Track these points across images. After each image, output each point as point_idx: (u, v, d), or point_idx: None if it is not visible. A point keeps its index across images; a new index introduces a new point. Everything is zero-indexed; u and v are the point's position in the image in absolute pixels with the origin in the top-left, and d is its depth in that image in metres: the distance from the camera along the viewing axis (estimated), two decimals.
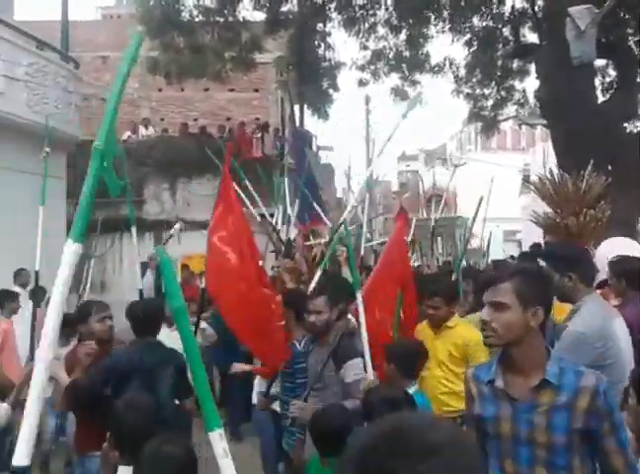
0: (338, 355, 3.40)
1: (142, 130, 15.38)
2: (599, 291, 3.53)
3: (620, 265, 3.76)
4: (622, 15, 9.65)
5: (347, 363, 3.40)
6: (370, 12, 12.79)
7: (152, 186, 13.69)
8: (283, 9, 12.47)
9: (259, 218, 7.81)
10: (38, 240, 4.78)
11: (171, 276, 1.55)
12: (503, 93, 12.99)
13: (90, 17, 24.54)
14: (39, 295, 7.00)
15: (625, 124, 8.85)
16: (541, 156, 19.81)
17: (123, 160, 5.39)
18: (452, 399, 3.58)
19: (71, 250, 1.61)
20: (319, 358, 3.48)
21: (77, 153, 10.74)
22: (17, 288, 6.88)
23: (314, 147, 18.55)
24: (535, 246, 6.69)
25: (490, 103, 13.31)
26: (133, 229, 5.18)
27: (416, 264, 11.57)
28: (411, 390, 3.14)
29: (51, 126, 6.30)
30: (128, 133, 14.93)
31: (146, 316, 3.80)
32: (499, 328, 1.98)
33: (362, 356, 3.33)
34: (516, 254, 10.68)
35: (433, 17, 11.80)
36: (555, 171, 6.26)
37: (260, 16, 12.62)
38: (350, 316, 3.77)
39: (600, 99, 9.51)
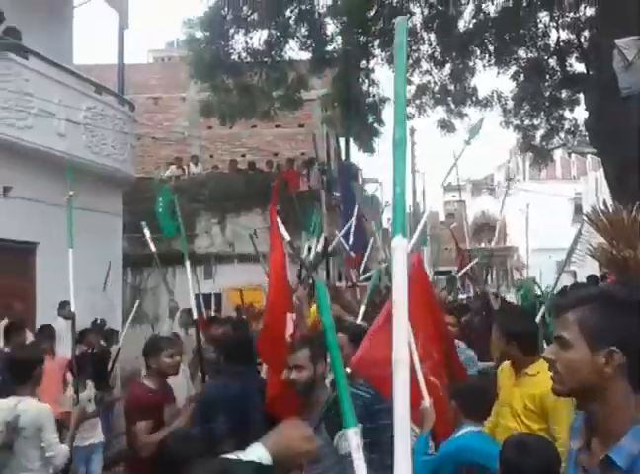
0: (330, 419, 2.75)
1: (192, 168, 15.87)
2: None
3: None
4: None
5: (341, 431, 2.64)
6: (414, 48, 12.97)
7: (203, 220, 14.06)
8: (328, 48, 12.78)
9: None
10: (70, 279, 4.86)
11: (323, 297, 1.68)
12: (553, 123, 12.87)
13: (142, 60, 25.67)
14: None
15: None
16: (593, 184, 19.37)
17: (175, 201, 5.60)
18: None
19: None
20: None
21: (132, 190, 11.19)
22: (60, 319, 7.17)
23: (360, 180, 18.69)
24: (592, 278, 6.54)
25: (540, 133, 13.20)
26: (187, 263, 5.30)
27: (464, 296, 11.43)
28: (467, 429, 3.01)
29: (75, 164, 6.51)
30: (172, 168, 15.46)
31: (241, 345, 3.88)
32: (562, 370, 1.53)
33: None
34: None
35: (478, 51, 11.87)
36: (609, 202, 6.14)
37: (305, 55, 12.97)
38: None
39: None
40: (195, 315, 5.32)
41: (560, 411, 3.00)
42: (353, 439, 1.44)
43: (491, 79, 13.55)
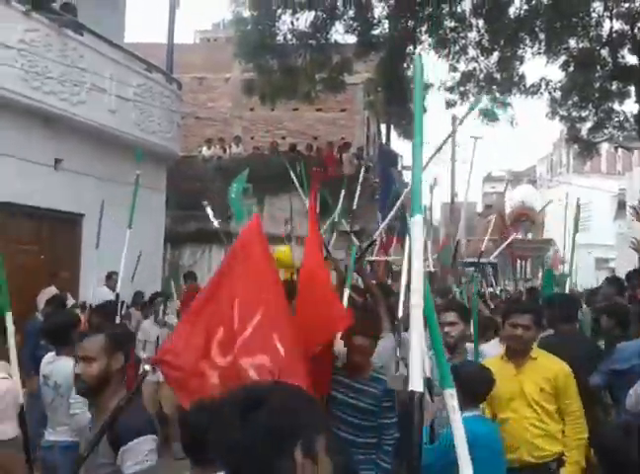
0: (114, 430, 2.37)
1: (234, 148, 16.06)
2: None
3: None
4: None
5: (125, 446, 2.34)
6: (461, 34, 12.79)
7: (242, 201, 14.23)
8: (374, 32, 12.71)
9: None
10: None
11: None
12: (601, 115, 12.56)
13: (189, 40, 25.92)
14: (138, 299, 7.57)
15: None
16: (638, 181, 18.88)
17: (249, 190, 5.68)
18: (547, 442, 3.18)
19: None
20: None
21: (174, 168, 11.41)
22: (105, 289, 7.44)
23: (399, 167, 18.61)
24: (636, 272, 6.45)
25: (587, 125, 12.90)
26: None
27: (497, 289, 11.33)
28: (470, 414, 2.96)
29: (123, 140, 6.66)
30: (204, 148, 15.69)
31: None
32: None
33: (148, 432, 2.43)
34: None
35: (525, 38, 11.64)
36: None
37: (351, 38, 12.93)
38: None
39: None
40: None
41: (571, 386, 3.22)
42: (449, 401, 1.60)
43: (538, 68, 13.30)
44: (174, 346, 2.90)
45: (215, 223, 6.55)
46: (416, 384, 1.65)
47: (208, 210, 6.44)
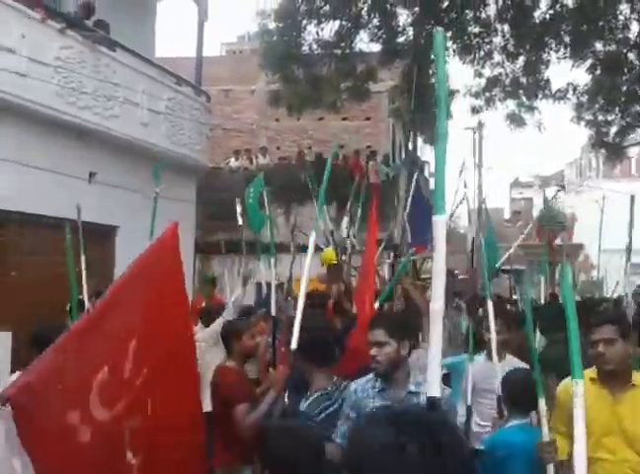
0: None
1: (260, 159, 16.24)
2: None
3: None
4: None
5: None
6: (486, 39, 12.77)
7: (268, 210, 14.36)
8: (399, 40, 12.76)
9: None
10: None
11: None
12: (628, 119, 12.39)
13: (215, 53, 26.32)
14: None
15: None
16: None
17: (265, 194, 5.73)
18: None
19: None
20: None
21: (203, 180, 11.59)
22: None
23: (426, 174, 18.58)
24: None
25: (614, 129, 12.74)
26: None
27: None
28: (517, 422, 3.05)
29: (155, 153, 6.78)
30: (232, 160, 15.86)
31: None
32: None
33: None
34: None
35: (551, 42, 11.57)
36: None
37: (376, 47, 13.01)
38: None
39: None
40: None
41: None
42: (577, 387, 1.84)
43: (564, 72, 13.18)
44: (34, 382, 2.12)
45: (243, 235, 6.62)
46: (434, 389, 1.71)
47: (239, 219, 6.51)
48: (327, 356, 3.28)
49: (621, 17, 11.16)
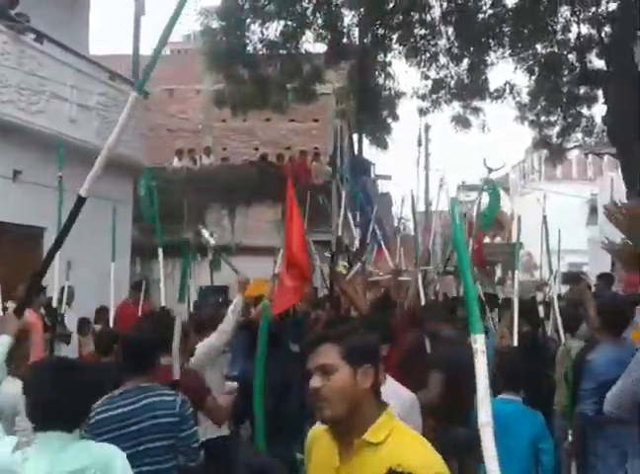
0: None
1: (204, 159, 15.85)
2: None
3: None
4: None
5: None
6: (432, 42, 12.80)
7: (213, 212, 14.02)
8: (345, 41, 12.65)
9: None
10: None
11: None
12: (569, 120, 12.64)
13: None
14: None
15: None
16: (609, 186, 19.08)
17: (154, 190, 5.50)
18: None
19: None
20: None
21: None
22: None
23: (372, 175, 18.56)
24: (606, 276, 6.45)
25: (556, 130, 12.99)
26: (160, 254, 5.20)
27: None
28: (507, 397, 3.32)
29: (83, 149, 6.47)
30: (175, 160, 15.47)
31: None
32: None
33: None
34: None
35: (493, 43, 11.68)
36: (624, 201, 6.00)
37: (322, 47, 12.86)
38: None
39: None
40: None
41: None
42: (476, 343, 1.51)
43: (508, 74, 13.37)
44: None
45: (211, 242, 6.42)
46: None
47: (204, 233, 6.30)
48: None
49: (561, 19, 11.36)
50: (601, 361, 3.45)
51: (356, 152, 18.66)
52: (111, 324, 6.57)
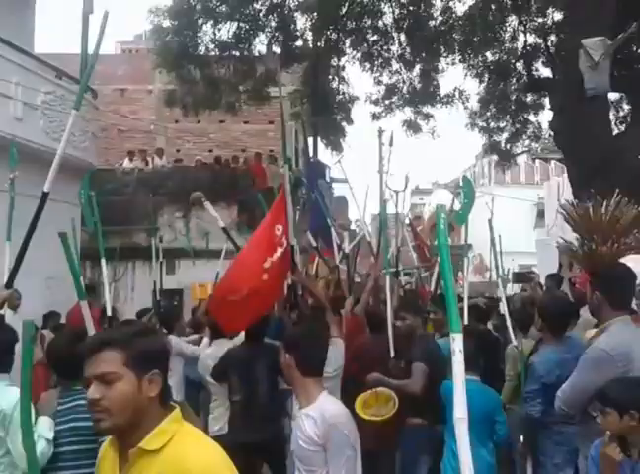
0: None
1: (156, 160, 15.57)
2: None
3: None
4: (635, 49, 9.69)
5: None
6: (384, 48, 12.96)
7: (166, 214, 13.78)
8: (298, 44, 12.68)
9: None
10: None
11: None
12: (517, 126, 13.00)
13: (111, 51, 25.16)
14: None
15: None
16: (556, 190, 19.71)
17: (92, 197, 5.37)
18: None
19: None
20: None
21: (92, 181, 10.85)
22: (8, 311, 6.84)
23: (327, 178, 18.61)
24: (555, 276, 6.64)
25: (505, 136, 13.33)
26: (103, 261, 5.05)
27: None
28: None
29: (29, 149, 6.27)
30: (126, 160, 15.17)
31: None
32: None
33: None
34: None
35: (443, 50, 11.90)
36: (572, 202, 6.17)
37: (275, 50, 12.82)
38: None
39: (615, 132, 9.49)
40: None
41: None
42: (454, 341, 1.54)
43: (459, 80, 13.64)
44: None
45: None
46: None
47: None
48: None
49: (509, 28, 11.67)
50: (543, 364, 3.51)
51: (311, 155, 18.67)
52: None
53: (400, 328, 4.41)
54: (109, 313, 4.92)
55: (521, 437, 3.99)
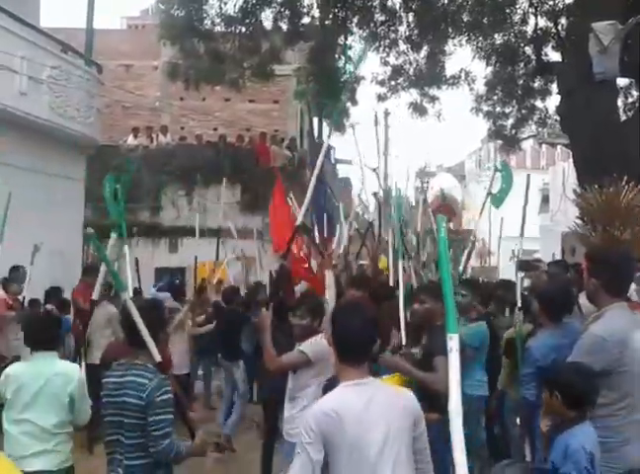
0: None
1: (161, 138, 15.53)
2: None
3: None
4: None
5: None
6: (392, 28, 12.79)
7: (169, 192, 13.79)
8: (305, 21, 12.52)
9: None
10: None
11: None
12: (524, 111, 12.87)
13: (116, 26, 24.94)
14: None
15: None
16: (561, 175, 19.62)
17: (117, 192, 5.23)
18: None
19: None
20: None
21: (96, 157, 10.85)
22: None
23: (332, 160, 18.56)
24: (561, 262, 6.69)
25: (510, 121, 13.21)
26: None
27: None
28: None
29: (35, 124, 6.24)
30: (130, 137, 15.14)
31: None
32: None
33: None
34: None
35: (450, 31, 11.75)
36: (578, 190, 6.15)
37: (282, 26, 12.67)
38: None
39: (623, 118, 9.40)
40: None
41: None
42: (451, 341, 1.64)
43: (466, 63, 13.50)
44: None
45: None
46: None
47: None
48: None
49: (520, 11, 11.51)
50: (539, 348, 3.52)
51: (316, 136, 18.62)
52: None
53: (418, 311, 4.12)
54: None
55: (517, 420, 4.04)
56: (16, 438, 3.34)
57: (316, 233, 8.10)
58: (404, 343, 4.17)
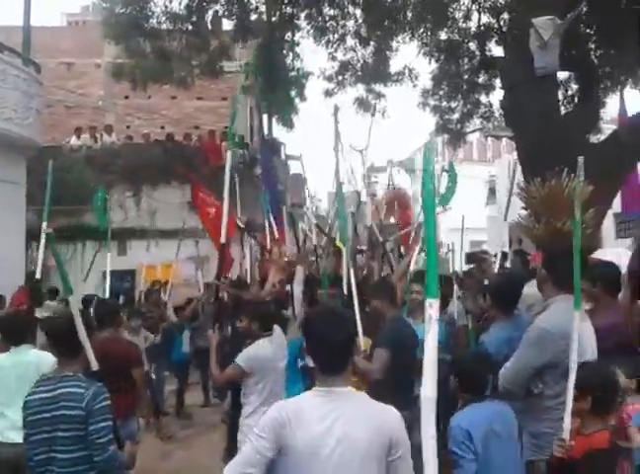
0: None
1: (105, 137, 15.12)
2: None
3: (598, 269, 3.55)
4: (584, 30, 9.86)
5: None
6: (340, 23, 12.80)
7: (116, 193, 13.44)
8: (252, 17, 12.39)
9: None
10: None
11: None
12: (469, 106, 13.11)
13: (56, 23, 24.11)
14: None
15: (587, 135, 8.99)
16: (506, 167, 20.11)
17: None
18: None
19: None
20: None
21: (37, 159, 10.46)
22: None
23: (282, 156, 18.48)
24: (519, 252, 6.87)
25: (456, 116, 13.43)
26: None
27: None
28: None
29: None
30: (72, 138, 14.73)
31: None
32: None
33: None
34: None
35: (394, 27, 11.84)
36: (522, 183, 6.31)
37: (229, 24, 12.53)
38: None
39: (563, 111, 9.69)
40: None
41: None
42: (430, 308, 1.55)
43: (410, 60, 13.62)
44: None
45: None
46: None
47: None
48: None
49: (463, 7, 11.69)
50: (492, 343, 3.55)
51: (265, 132, 18.50)
52: None
53: (370, 311, 4.46)
54: None
55: None
56: None
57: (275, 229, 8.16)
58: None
